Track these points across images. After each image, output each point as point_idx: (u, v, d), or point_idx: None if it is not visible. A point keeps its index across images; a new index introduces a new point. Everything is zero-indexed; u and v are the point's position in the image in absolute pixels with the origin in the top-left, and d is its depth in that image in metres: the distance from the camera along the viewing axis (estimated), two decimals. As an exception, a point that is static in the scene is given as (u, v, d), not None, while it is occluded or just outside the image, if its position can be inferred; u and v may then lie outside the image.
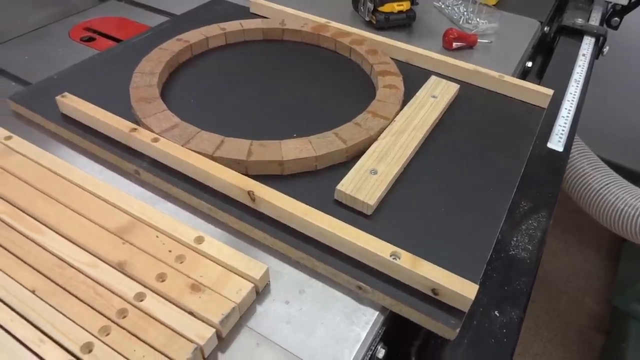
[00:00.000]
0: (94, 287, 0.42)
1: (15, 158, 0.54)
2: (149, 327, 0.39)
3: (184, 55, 0.71)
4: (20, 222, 0.47)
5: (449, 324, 0.41)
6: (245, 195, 0.49)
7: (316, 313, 0.43)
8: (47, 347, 0.37)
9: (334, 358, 0.40)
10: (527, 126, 0.63)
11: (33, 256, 0.44)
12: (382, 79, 0.66)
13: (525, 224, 0.57)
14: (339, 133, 0.56)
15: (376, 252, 0.43)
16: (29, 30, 0.83)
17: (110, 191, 0.50)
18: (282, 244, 0.47)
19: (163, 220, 0.47)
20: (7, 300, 0.40)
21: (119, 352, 0.37)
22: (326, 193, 0.51)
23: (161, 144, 0.53)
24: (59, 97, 0.60)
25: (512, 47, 0.84)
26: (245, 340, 0.41)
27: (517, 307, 0.48)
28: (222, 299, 0.41)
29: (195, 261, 0.44)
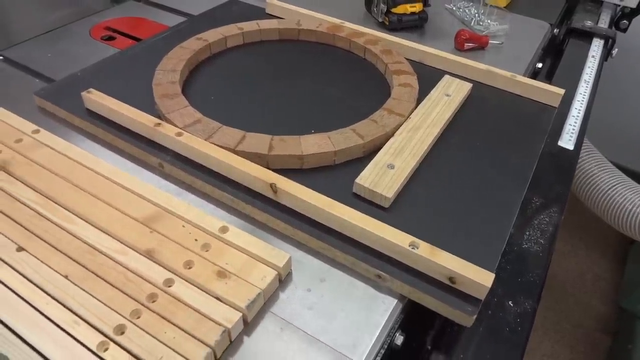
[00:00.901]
0: (124, 273, 0.43)
1: (43, 151, 0.56)
2: (178, 310, 0.40)
3: (203, 54, 0.73)
4: (51, 211, 0.49)
5: (466, 311, 0.42)
6: (267, 188, 0.50)
7: (337, 300, 0.44)
8: (81, 329, 0.39)
9: (355, 343, 0.41)
10: (538, 124, 0.65)
11: (65, 244, 0.46)
12: (397, 77, 0.68)
13: (537, 219, 0.58)
14: (357, 129, 0.58)
15: (395, 242, 0.45)
16: (44, 30, 0.85)
17: (136, 183, 0.52)
18: (303, 235, 0.48)
19: (188, 211, 0.49)
20: (41, 285, 0.42)
21: (150, 334, 0.39)
22: (344, 186, 0.53)
23: (185, 138, 0.55)
24: (85, 93, 0.62)
25: (522, 49, 0.86)
26: (269, 325, 0.42)
27: (531, 298, 0.50)
28: (247, 285, 0.42)
29: (221, 250, 0.46)
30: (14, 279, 0.43)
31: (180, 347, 0.38)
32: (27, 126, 0.60)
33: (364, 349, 0.41)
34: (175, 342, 0.38)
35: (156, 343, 0.38)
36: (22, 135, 0.58)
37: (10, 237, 0.46)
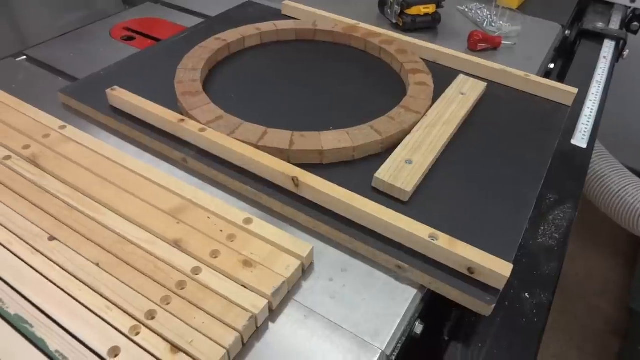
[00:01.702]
0: (153, 262, 0.45)
1: (70, 145, 0.58)
2: (206, 297, 0.42)
3: (222, 54, 0.75)
4: (81, 203, 0.50)
5: (484, 301, 0.43)
6: (289, 181, 0.52)
7: (358, 290, 0.46)
8: (113, 314, 0.41)
9: (376, 331, 0.42)
10: (552, 122, 0.66)
11: (95, 233, 0.47)
12: (413, 76, 0.69)
13: (552, 214, 0.59)
14: (374, 126, 0.59)
15: (415, 234, 0.46)
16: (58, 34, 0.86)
17: (161, 176, 0.54)
18: (324, 227, 0.50)
19: (213, 203, 0.51)
20: (74, 273, 0.44)
21: (180, 319, 0.40)
22: (363, 181, 0.54)
23: (208, 133, 0.56)
24: (109, 90, 0.63)
25: (534, 49, 0.87)
26: (293, 312, 0.44)
27: (547, 290, 0.51)
28: (272, 274, 0.44)
29: (245, 240, 0.47)
30: (47, 267, 0.44)
31: (209, 332, 0.39)
32: (53, 122, 0.61)
33: (386, 336, 0.42)
34: (204, 326, 0.40)
35: (186, 327, 0.39)
36: (50, 131, 0.60)
37: (42, 227, 0.48)
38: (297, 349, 0.41)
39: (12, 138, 0.59)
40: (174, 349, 0.38)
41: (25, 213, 0.49)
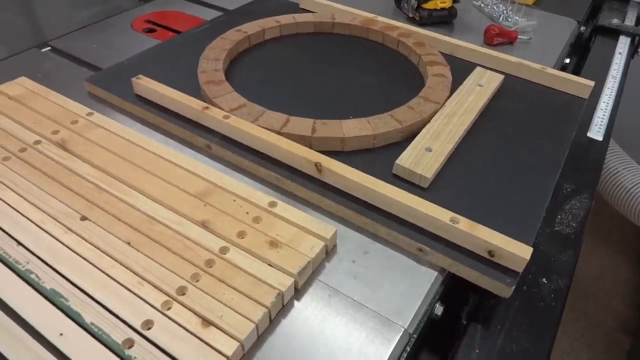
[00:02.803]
0: (182, 241, 0.46)
1: (98, 131, 0.59)
2: (234, 275, 0.43)
3: (242, 45, 0.76)
4: (110, 185, 0.52)
5: (504, 282, 0.44)
6: (312, 167, 0.53)
7: (380, 271, 0.47)
8: (145, 289, 0.42)
9: (398, 310, 0.44)
10: (569, 114, 0.67)
11: (125, 214, 0.49)
12: (431, 68, 0.70)
13: (569, 204, 0.60)
14: (395, 115, 0.60)
15: (436, 217, 0.47)
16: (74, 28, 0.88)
17: (187, 161, 0.55)
18: (346, 211, 0.51)
19: (238, 187, 0.52)
20: (106, 251, 0.45)
21: (209, 295, 0.42)
22: (383, 168, 0.55)
23: (232, 120, 0.58)
24: (135, 79, 0.65)
25: (550, 44, 0.87)
26: (317, 291, 0.45)
27: (564, 276, 0.52)
28: (297, 254, 0.45)
29: (271, 222, 0.48)
30: (80, 245, 0.46)
31: (238, 307, 0.41)
32: (81, 109, 0.63)
33: (408, 315, 0.43)
34: (233, 302, 0.41)
35: (216, 303, 0.41)
36: (77, 117, 0.61)
37: (74, 208, 0.49)
38: (322, 326, 0.42)
39: (41, 124, 0.60)
40: (205, 323, 0.40)
41: (57, 194, 0.51)
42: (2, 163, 0.54)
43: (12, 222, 0.48)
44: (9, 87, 0.67)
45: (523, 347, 0.45)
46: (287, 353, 0.40)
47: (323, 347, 0.41)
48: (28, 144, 0.57)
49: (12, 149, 0.56)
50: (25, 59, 0.79)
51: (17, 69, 0.74)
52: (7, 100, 0.64)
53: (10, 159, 0.55)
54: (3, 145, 0.57)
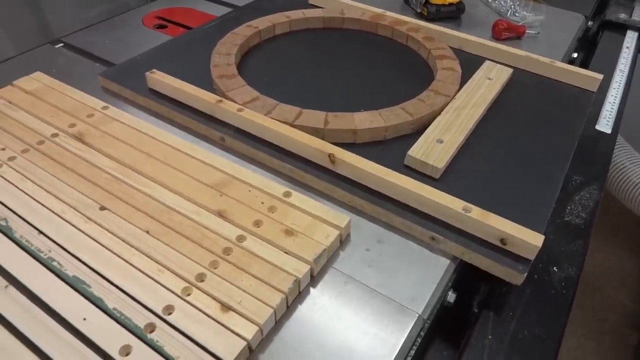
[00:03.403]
0: (200, 230, 0.47)
1: (114, 124, 0.61)
2: (252, 262, 0.44)
3: (253, 40, 0.77)
4: (127, 176, 0.53)
5: (516, 270, 0.45)
6: (325, 158, 0.54)
7: (394, 259, 0.48)
8: (165, 276, 0.43)
9: (413, 297, 0.45)
10: (578, 106, 0.67)
11: (143, 204, 0.50)
12: (440, 62, 0.71)
13: (578, 195, 0.61)
14: (406, 107, 0.61)
15: (449, 206, 0.48)
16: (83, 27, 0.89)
17: (202, 153, 0.56)
18: (360, 201, 0.52)
19: (253, 178, 0.53)
20: (125, 239, 0.46)
21: (228, 281, 0.42)
22: (395, 160, 0.56)
23: (246, 113, 0.59)
24: (149, 73, 0.66)
25: (558, 39, 0.88)
26: (333, 279, 0.46)
27: (575, 265, 0.52)
28: (313, 242, 0.46)
29: (286, 211, 0.49)
30: (100, 234, 0.47)
31: (257, 293, 0.41)
32: (96, 103, 0.64)
33: (422, 301, 0.44)
34: (251, 288, 0.42)
35: (235, 289, 0.42)
36: (93, 111, 0.63)
37: (93, 198, 0.50)
38: (338, 311, 0.43)
39: (58, 117, 0.61)
40: (224, 308, 0.40)
41: (76, 185, 0.52)
42: (21, 155, 0.56)
43: (32, 212, 0.49)
44: (25, 81, 0.68)
45: (535, 333, 0.46)
46: (304, 337, 0.41)
47: (339, 332, 0.42)
48: (46, 137, 0.58)
49: (30, 142, 0.57)
50: (39, 54, 0.80)
51: (32, 64, 0.75)
52: (23, 95, 0.65)
53: (28, 151, 0.56)
54: (21, 137, 0.58)
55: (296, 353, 0.40)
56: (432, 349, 0.47)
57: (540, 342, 0.45)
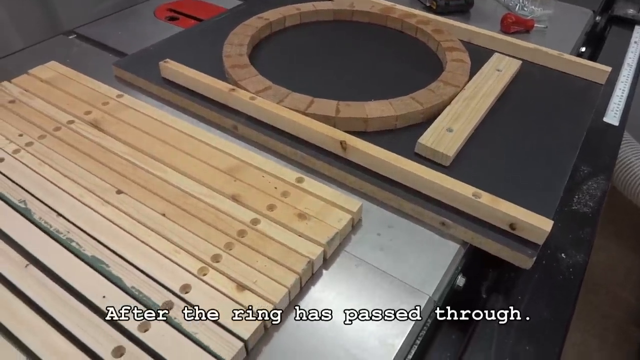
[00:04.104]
0: (215, 213, 0.48)
1: (128, 112, 0.62)
2: (266, 244, 0.45)
3: (264, 32, 0.78)
4: (143, 162, 0.54)
5: (526, 254, 0.46)
6: (337, 145, 0.55)
7: (405, 244, 0.49)
8: (182, 257, 0.44)
9: (424, 280, 0.45)
10: (586, 98, 0.68)
11: (158, 188, 0.51)
12: (450, 54, 0.71)
13: (586, 184, 0.62)
14: (416, 97, 0.62)
15: (459, 192, 0.49)
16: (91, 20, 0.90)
17: (216, 140, 0.57)
18: (371, 187, 0.53)
19: (266, 164, 0.54)
20: (142, 221, 0.47)
21: (243, 262, 0.43)
22: (405, 148, 0.57)
23: (258, 101, 0.60)
24: (162, 63, 0.67)
25: (566, 33, 0.89)
26: (345, 261, 0.47)
27: (582, 252, 0.53)
28: (326, 226, 0.47)
29: (299, 196, 0.50)
30: (117, 216, 0.48)
31: (271, 273, 0.42)
32: (111, 91, 0.65)
33: (433, 284, 0.45)
34: (266, 269, 0.43)
35: (250, 270, 0.43)
36: (108, 99, 0.64)
37: (110, 182, 0.52)
38: (350, 292, 0.44)
39: (73, 105, 0.62)
40: (240, 288, 0.41)
41: (92, 170, 0.53)
42: (37, 141, 0.57)
43: (50, 195, 0.50)
44: (41, 70, 0.69)
45: (543, 317, 0.47)
46: (317, 317, 0.42)
47: (352, 312, 0.42)
48: (62, 124, 0.59)
49: (47, 128, 0.58)
50: (53, 45, 0.81)
51: (46, 54, 0.76)
52: (39, 83, 0.67)
53: (45, 137, 0.57)
54: (38, 124, 0.59)
55: (309, 332, 0.41)
56: (440, 332, 0.48)
57: (549, 326, 0.46)
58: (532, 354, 0.44)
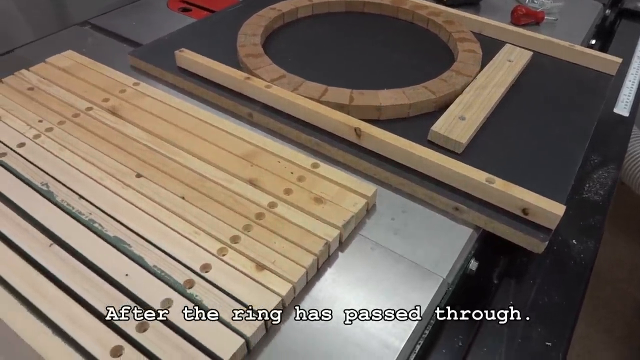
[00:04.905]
0: (232, 196, 0.49)
1: (145, 99, 0.63)
2: (284, 226, 0.46)
3: (277, 22, 0.79)
4: (161, 147, 0.55)
5: (538, 238, 0.47)
6: (352, 132, 0.56)
7: (419, 228, 0.50)
8: (201, 237, 0.45)
9: (438, 262, 0.46)
10: (597, 88, 0.69)
11: (177, 172, 0.52)
12: (462, 44, 0.72)
13: (596, 173, 0.62)
14: (428, 86, 0.62)
15: (473, 177, 0.49)
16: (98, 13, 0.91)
17: (231, 126, 0.58)
18: (385, 173, 0.54)
19: (282, 150, 0.55)
20: (162, 203, 0.48)
21: (261, 243, 0.44)
22: (418, 136, 0.57)
23: (273, 89, 0.60)
24: (178, 52, 0.68)
25: (576, 26, 0.89)
26: (360, 245, 0.48)
27: (593, 238, 0.54)
28: (341, 209, 0.48)
29: (315, 181, 0.51)
30: (137, 198, 0.49)
31: (289, 254, 0.43)
32: (127, 79, 0.66)
33: (446, 267, 0.46)
34: (284, 250, 0.44)
35: (268, 250, 0.44)
36: (125, 87, 0.65)
37: (129, 166, 0.53)
38: (366, 274, 0.45)
39: (91, 92, 0.64)
40: (259, 267, 0.42)
41: (111, 154, 0.54)
42: (57, 126, 0.58)
43: (72, 179, 0.51)
44: (58, 59, 0.70)
45: (555, 301, 0.48)
46: (333, 297, 0.43)
47: (368, 293, 0.43)
48: (81, 110, 0.60)
49: (66, 114, 0.60)
50: (68, 35, 0.82)
51: (62, 44, 0.77)
52: (57, 71, 0.68)
53: (65, 123, 0.58)
54: (57, 111, 0.60)
55: (326, 311, 0.42)
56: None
57: (560, 310, 0.47)
58: (544, 336, 0.45)
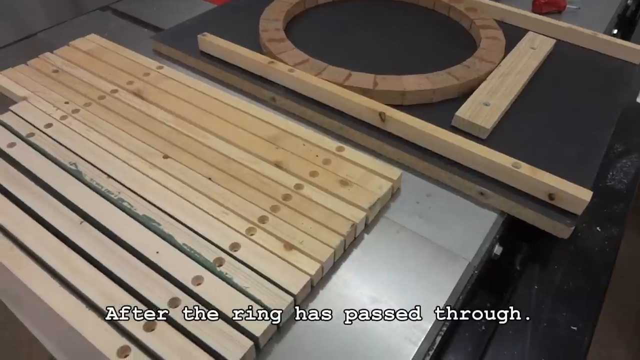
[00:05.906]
0: (259, 178, 0.50)
1: (169, 82, 0.63)
2: (310, 208, 0.46)
3: (298, 8, 0.79)
4: (186, 129, 0.56)
5: (564, 223, 0.47)
6: (376, 117, 0.56)
7: (444, 212, 0.50)
8: (229, 217, 0.46)
9: (464, 245, 0.46)
10: (621, 77, 0.68)
11: (203, 153, 0.52)
12: (484, 31, 0.72)
13: (620, 162, 0.62)
14: (452, 72, 0.62)
15: (499, 162, 0.49)
16: None
17: (255, 110, 0.59)
18: (409, 157, 0.54)
19: (307, 133, 0.55)
20: (189, 184, 0.49)
21: (289, 223, 0.45)
22: (442, 121, 0.57)
23: (297, 73, 0.61)
24: (201, 36, 0.68)
25: (598, 14, 0.88)
26: (386, 227, 0.48)
27: (617, 225, 0.54)
28: (367, 192, 0.48)
29: (340, 164, 0.51)
30: (165, 178, 0.50)
31: (317, 234, 0.44)
32: (151, 63, 0.67)
33: (472, 250, 0.46)
34: (312, 230, 0.44)
35: (296, 231, 0.44)
36: (149, 70, 0.65)
37: (155, 147, 0.53)
38: (392, 256, 0.45)
39: (116, 75, 0.64)
40: (288, 247, 0.43)
41: (138, 135, 0.55)
42: (84, 108, 0.58)
43: (99, 159, 0.52)
44: (82, 42, 0.71)
45: (579, 285, 0.48)
46: (360, 278, 0.43)
47: (394, 275, 0.44)
48: (106, 92, 0.61)
49: (92, 96, 0.60)
50: (90, 20, 0.83)
51: (83, 28, 0.78)
52: (81, 54, 0.68)
53: (91, 104, 0.59)
54: (83, 93, 0.61)
55: (353, 291, 0.42)
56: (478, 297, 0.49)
57: (585, 295, 0.47)
58: (569, 320, 0.45)
